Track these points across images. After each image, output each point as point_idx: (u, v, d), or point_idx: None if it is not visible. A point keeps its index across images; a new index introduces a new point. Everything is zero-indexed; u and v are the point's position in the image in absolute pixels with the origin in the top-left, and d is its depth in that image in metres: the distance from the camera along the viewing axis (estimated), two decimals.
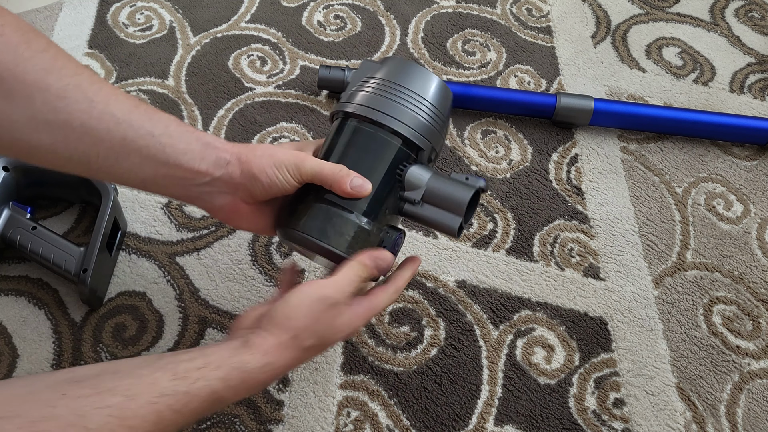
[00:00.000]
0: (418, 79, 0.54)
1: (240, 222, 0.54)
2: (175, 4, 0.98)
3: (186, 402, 0.43)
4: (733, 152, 0.90)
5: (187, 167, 0.50)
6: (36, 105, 0.46)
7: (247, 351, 0.47)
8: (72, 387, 0.41)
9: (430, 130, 0.54)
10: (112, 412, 0.40)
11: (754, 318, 0.76)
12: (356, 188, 0.51)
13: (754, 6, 1.09)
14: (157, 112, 0.51)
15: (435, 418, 0.66)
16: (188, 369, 0.44)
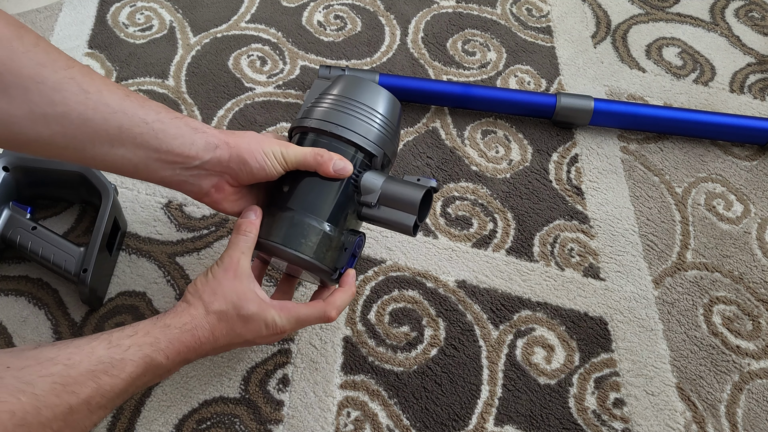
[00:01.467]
0: (367, 93, 0.59)
1: (225, 204, 0.57)
2: (175, 4, 0.98)
3: (122, 367, 0.47)
4: (733, 152, 0.90)
5: (179, 152, 0.53)
6: (33, 99, 0.47)
7: (167, 316, 0.52)
8: (14, 360, 0.44)
9: (381, 138, 0.58)
10: (56, 379, 0.43)
11: (754, 318, 0.76)
12: (339, 170, 0.55)
13: (754, 6, 1.09)
14: (147, 100, 0.53)
15: (435, 418, 0.66)
16: (120, 337, 0.48)
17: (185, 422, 0.64)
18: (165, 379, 0.64)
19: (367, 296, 0.73)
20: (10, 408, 0.41)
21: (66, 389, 0.44)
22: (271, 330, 0.54)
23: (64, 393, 0.43)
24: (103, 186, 0.70)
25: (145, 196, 0.78)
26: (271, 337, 0.56)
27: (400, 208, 0.56)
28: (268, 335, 0.55)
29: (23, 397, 0.41)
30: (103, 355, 0.46)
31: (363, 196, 0.57)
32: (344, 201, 0.57)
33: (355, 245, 0.57)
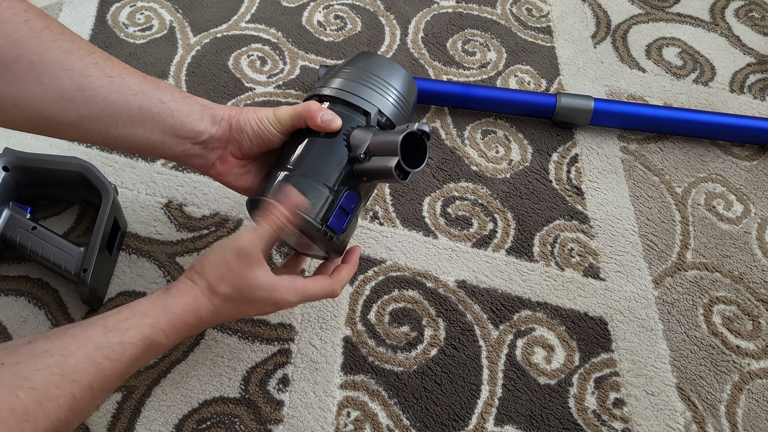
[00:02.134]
0: (375, 63, 0.61)
1: (229, 177, 0.60)
2: (175, 4, 0.98)
3: (122, 351, 0.47)
4: (733, 152, 0.90)
5: (191, 128, 0.56)
6: (63, 84, 0.51)
7: (168, 296, 0.52)
8: (8, 356, 0.43)
9: (378, 98, 0.59)
10: (53, 371, 0.43)
11: (754, 318, 0.76)
12: (326, 122, 0.56)
13: (754, 6, 1.09)
14: (160, 81, 0.57)
15: (435, 418, 0.66)
16: (117, 320, 0.48)
17: (185, 422, 0.64)
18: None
19: (367, 296, 0.73)
20: (10, 406, 0.40)
21: (66, 379, 0.43)
22: (278, 307, 0.56)
23: (64, 383, 0.43)
24: (103, 186, 0.70)
25: (145, 196, 0.78)
26: (276, 310, 0.57)
27: (385, 154, 0.54)
28: (273, 311, 0.56)
29: (21, 393, 0.41)
30: (100, 341, 0.46)
31: (353, 151, 0.56)
32: (336, 158, 0.57)
33: (342, 199, 0.56)
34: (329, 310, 0.72)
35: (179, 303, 0.51)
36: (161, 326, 0.50)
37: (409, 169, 0.55)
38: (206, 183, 0.79)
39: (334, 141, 0.57)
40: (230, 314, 0.54)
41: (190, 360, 0.67)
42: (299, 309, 0.71)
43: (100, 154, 0.81)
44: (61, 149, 0.81)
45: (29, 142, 0.81)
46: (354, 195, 0.57)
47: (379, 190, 0.81)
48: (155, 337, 0.49)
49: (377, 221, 0.78)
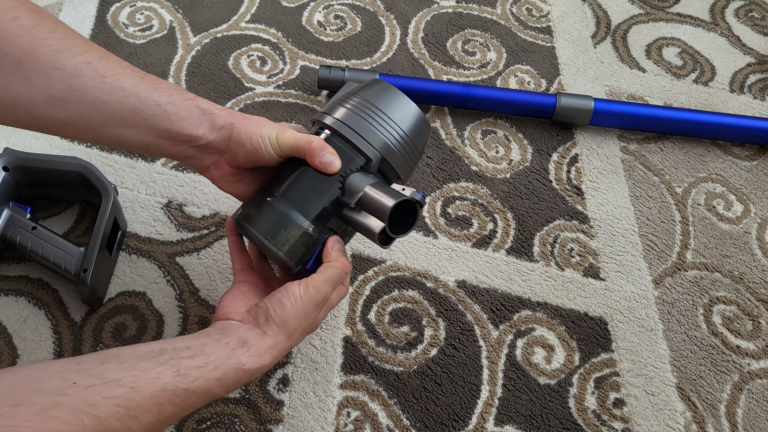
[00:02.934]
0: (390, 101, 0.57)
1: (222, 182, 0.58)
2: (175, 4, 0.98)
3: (185, 398, 0.46)
4: (733, 152, 0.90)
5: (187, 133, 0.54)
6: (53, 84, 0.50)
7: (244, 352, 0.49)
8: (80, 377, 0.42)
9: (385, 145, 0.56)
10: (119, 402, 0.42)
11: (754, 318, 0.76)
12: (325, 163, 0.54)
13: (754, 6, 1.09)
14: (160, 81, 0.55)
15: (435, 418, 0.66)
16: (189, 367, 0.46)
17: (185, 422, 0.64)
18: None
19: (367, 296, 0.73)
20: (73, 429, 0.40)
21: (128, 413, 0.43)
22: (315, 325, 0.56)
23: (126, 417, 0.43)
24: (103, 186, 0.70)
25: (145, 196, 0.78)
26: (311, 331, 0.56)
27: (374, 214, 0.53)
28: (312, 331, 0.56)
29: (86, 419, 0.41)
30: (168, 383, 0.45)
31: (345, 196, 0.55)
32: (326, 198, 0.55)
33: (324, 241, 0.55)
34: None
35: (253, 363, 0.49)
36: (227, 382, 0.48)
37: (393, 236, 0.53)
38: (206, 183, 0.79)
39: (329, 179, 0.55)
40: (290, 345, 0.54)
41: None
42: None
43: (100, 154, 0.81)
44: (61, 149, 0.81)
45: (29, 142, 0.81)
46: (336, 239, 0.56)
47: None
48: (218, 390, 0.48)
49: None
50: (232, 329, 0.51)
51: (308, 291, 0.52)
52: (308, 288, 0.52)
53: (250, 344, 0.50)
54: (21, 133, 0.81)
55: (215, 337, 0.49)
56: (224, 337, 0.50)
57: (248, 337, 0.50)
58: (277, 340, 0.51)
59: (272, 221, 0.54)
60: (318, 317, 0.55)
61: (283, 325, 0.51)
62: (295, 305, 0.51)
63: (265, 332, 0.51)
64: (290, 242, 0.54)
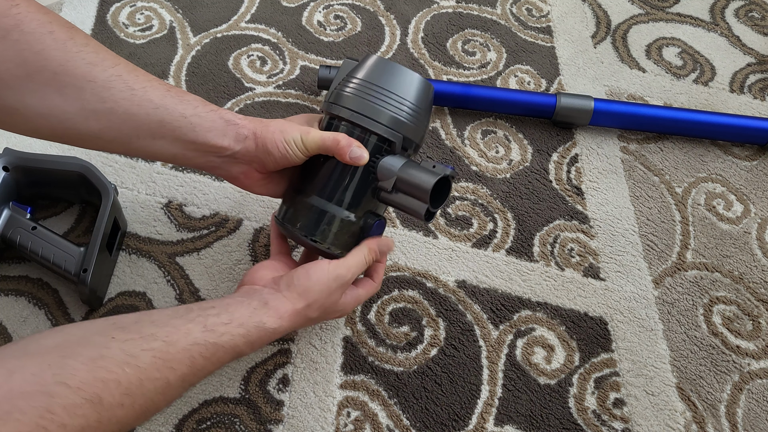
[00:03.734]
0: (393, 78, 0.59)
1: (254, 188, 0.61)
2: (175, 4, 0.98)
3: (214, 351, 0.49)
4: (733, 152, 0.90)
5: (212, 143, 0.57)
6: (86, 96, 0.52)
7: (265, 312, 0.53)
8: (118, 332, 0.46)
9: (402, 123, 0.58)
10: (156, 354, 0.46)
11: (754, 318, 0.76)
12: (355, 158, 0.56)
13: (754, 6, 1.09)
14: (185, 93, 0.57)
15: (435, 418, 0.66)
16: (216, 323, 0.50)
17: (185, 422, 0.64)
18: None
19: None
20: (117, 378, 0.43)
21: (166, 365, 0.46)
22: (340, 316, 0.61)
23: (164, 368, 0.46)
24: (103, 186, 0.70)
25: (145, 196, 0.78)
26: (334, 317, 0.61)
27: (413, 195, 0.57)
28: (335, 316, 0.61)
29: (128, 369, 0.44)
30: (198, 338, 0.48)
31: (380, 181, 0.58)
32: (362, 186, 0.58)
33: (373, 229, 0.59)
34: None
35: (273, 323, 0.53)
36: (251, 339, 0.52)
37: (434, 211, 0.58)
38: (206, 183, 0.79)
39: (361, 169, 0.58)
40: (303, 327, 0.59)
41: None
42: None
43: (100, 154, 0.81)
44: (61, 149, 0.81)
45: (29, 142, 0.81)
46: (382, 223, 0.60)
47: None
48: (243, 348, 0.52)
49: None
50: (255, 293, 0.55)
51: (337, 268, 0.57)
52: (337, 266, 0.57)
53: (270, 305, 0.54)
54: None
55: (238, 299, 0.54)
56: (247, 299, 0.54)
57: (269, 299, 0.54)
58: (297, 306, 0.54)
59: (312, 219, 0.59)
60: (342, 302, 0.59)
61: (304, 293, 0.55)
62: (320, 278, 0.56)
63: (286, 297, 0.55)
64: (333, 234, 0.58)
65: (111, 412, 0.43)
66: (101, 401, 0.42)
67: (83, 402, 0.41)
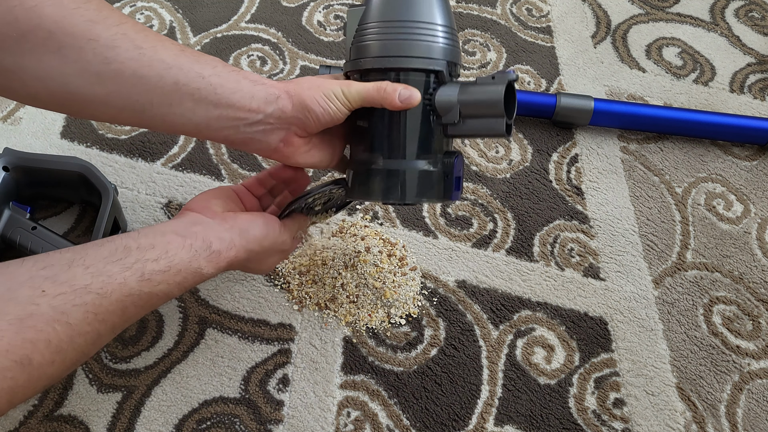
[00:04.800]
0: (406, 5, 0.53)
1: (296, 157, 0.55)
2: (175, 4, 0.98)
3: (147, 300, 0.47)
4: (733, 152, 0.90)
5: (239, 106, 0.51)
6: (87, 57, 0.47)
7: (206, 257, 0.50)
8: (48, 284, 0.43)
9: (440, 49, 0.54)
10: (88, 308, 0.44)
11: (754, 318, 0.76)
12: (405, 100, 0.51)
13: (754, 6, 1.09)
14: (201, 55, 0.51)
15: (435, 418, 0.66)
16: (153, 271, 0.47)
17: (185, 422, 0.64)
18: None
19: None
20: (47, 337, 0.42)
21: (97, 318, 0.45)
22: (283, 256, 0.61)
23: (95, 321, 0.45)
24: (103, 186, 0.70)
25: (145, 196, 0.78)
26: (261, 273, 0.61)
27: (485, 116, 0.52)
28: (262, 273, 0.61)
29: (58, 327, 0.42)
30: (134, 288, 0.46)
31: (443, 116, 0.53)
32: (427, 129, 0.54)
33: (454, 168, 0.55)
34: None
35: (212, 269, 0.50)
36: (186, 285, 0.49)
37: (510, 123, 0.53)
38: (206, 183, 0.79)
39: (419, 112, 0.53)
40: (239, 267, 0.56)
41: (190, 360, 0.67)
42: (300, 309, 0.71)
43: (100, 154, 0.81)
44: (61, 149, 0.81)
45: (29, 142, 0.81)
46: (461, 159, 0.56)
47: None
48: (176, 292, 0.49)
49: (377, 221, 0.78)
50: (200, 228, 0.51)
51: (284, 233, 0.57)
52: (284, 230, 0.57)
53: (213, 249, 0.50)
54: (21, 133, 0.81)
55: (180, 240, 0.49)
56: (190, 239, 0.50)
57: (214, 241, 0.51)
58: (239, 255, 0.52)
59: (391, 184, 0.54)
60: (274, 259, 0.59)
61: (252, 243, 0.53)
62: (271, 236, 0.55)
63: (233, 244, 0.52)
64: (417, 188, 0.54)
65: (41, 371, 0.42)
66: (31, 362, 0.41)
67: (12, 364, 0.40)
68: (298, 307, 0.71)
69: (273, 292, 0.72)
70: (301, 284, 0.72)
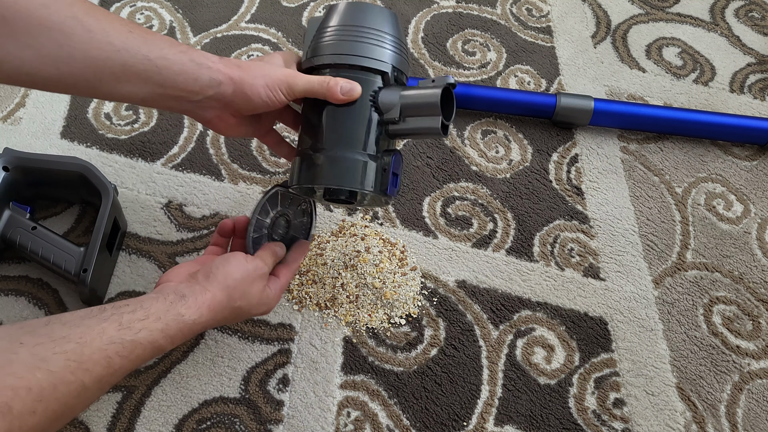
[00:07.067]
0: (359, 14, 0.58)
1: (227, 131, 0.60)
2: (175, 4, 0.98)
3: (132, 349, 0.48)
4: (733, 152, 0.90)
5: (182, 87, 0.54)
6: (41, 41, 0.49)
7: (183, 304, 0.52)
8: (26, 337, 0.44)
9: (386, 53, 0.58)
10: (69, 357, 0.44)
11: (754, 318, 0.76)
12: (347, 92, 0.55)
13: (754, 6, 1.09)
14: (151, 34, 0.54)
15: (435, 418, 0.66)
16: (132, 320, 0.49)
17: (185, 422, 0.64)
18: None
19: None
20: (27, 384, 0.41)
21: (80, 367, 0.44)
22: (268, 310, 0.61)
23: (78, 370, 0.44)
24: (103, 186, 0.70)
25: (145, 196, 0.78)
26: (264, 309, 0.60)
27: (423, 115, 0.56)
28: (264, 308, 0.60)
29: (39, 374, 0.42)
30: (114, 336, 0.47)
31: (385, 114, 0.57)
32: (369, 125, 0.57)
33: (392, 164, 0.57)
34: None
35: (193, 314, 0.52)
36: (170, 333, 0.50)
37: (447, 123, 0.56)
38: (206, 183, 0.79)
39: (361, 107, 0.57)
40: (229, 321, 0.58)
41: (190, 360, 0.67)
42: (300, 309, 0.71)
43: (100, 154, 0.81)
44: (61, 149, 0.81)
45: (29, 142, 0.81)
46: (399, 157, 0.58)
47: None
48: (163, 342, 0.50)
49: (377, 221, 0.78)
50: (170, 288, 0.54)
51: (254, 260, 0.57)
52: (254, 259, 0.58)
53: (188, 297, 0.52)
54: (21, 133, 0.81)
55: (153, 296, 0.52)
56: (162, 295, 0.52)
57: (186, 292, 0.53)
58: (216, 296, 0.53)
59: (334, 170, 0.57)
60: (268, 294, 0.59)
61: (224, 282, 0.54)
62: (239, 267, 0.56)
63: (204, 287, 0.53)
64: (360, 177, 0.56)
65: (22, 420, 0.40)
66: (11, 410, 0.40)
67: None
68: (298, 307, 0.71)
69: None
70: (301, 284, 0.72)
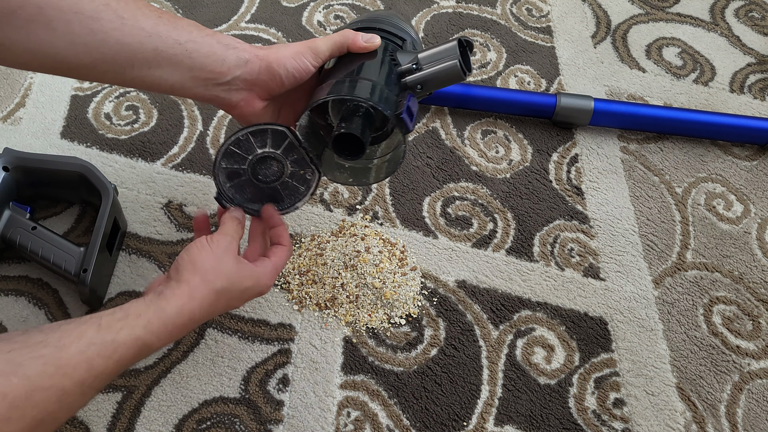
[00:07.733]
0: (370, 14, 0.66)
1: (252, 117, 0.60)
2: (175, 4, 0.98)
3: (114, 349, 0.46)
4: (733, 152, 0.90)
5: (211, 68, 0.55)
6: (74, 29, 0.50)
7: (162, 299, 0.51)
8: (1, 344, 0.42)
9: (409, 33, 0.63)
10: (47, 360, 0.42)
11: (754, 318, 0.76)
12: (368, 39, 0.58)
13: (754, 6, 1.09)
14: (179, 19, 0.56)
15: (435, 418, 0.66)
16: (111, 321, 0.47)
17: (185, 422, 0.64)
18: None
19: None
20: (2, 390, 0.40)
21: (58, 371, 0.43)
22: (261, 293, 0.58)
23: (56, 375, 0.43)
24: (103, 186, 0.70)
25: (145, 196, 0.78)
26: (259, 296, 0.59)
27: (441, 60, 0.58)
28: (257, 296, 0.59)
29: (15, 379, 0.40)
30: (94, 338, 0.45)
31: (403, 65, 0.59)
32: (390, 72, 0.58)
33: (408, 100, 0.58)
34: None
35: (173, 305, 0.51)
36: (153, 328, 0.49)
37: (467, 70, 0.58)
38: (206, 183, 0.79)
39: (381, 59, 0.59)
40: (220, 309, 0.55)
41: (190, 360, 0.67)
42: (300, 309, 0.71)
43: (100, 154, 0.81)
44: (61, 149, 0.81)
45: (29, 142, 0.81)
46: (414, 99, 0.59)
47: (379, 190, 0.81)
48: (147, 338, 0.48)
49: (377, 221, 0.78)
50: (148, 290, 0.54)
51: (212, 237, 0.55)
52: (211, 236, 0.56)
53: (165, 294, 0.51)
54: (21, 133, 0.81)
55: (133, 300, 0.51)
56: (141, 297, 0.52)
57: (162, 288, 0.52)
58: (191, 282, 0.52)
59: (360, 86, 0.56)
60: (258, 274, 0.57)
61: (191, 268, 0.53)
62: (200, 248, 0.54)
63: (177, 280, 0.52)
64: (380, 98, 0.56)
65: None
66: None
67: None
68: (298, 307, 0.71)
69: (273, 292, 0.72)
70: (301, 284, 0.72)
